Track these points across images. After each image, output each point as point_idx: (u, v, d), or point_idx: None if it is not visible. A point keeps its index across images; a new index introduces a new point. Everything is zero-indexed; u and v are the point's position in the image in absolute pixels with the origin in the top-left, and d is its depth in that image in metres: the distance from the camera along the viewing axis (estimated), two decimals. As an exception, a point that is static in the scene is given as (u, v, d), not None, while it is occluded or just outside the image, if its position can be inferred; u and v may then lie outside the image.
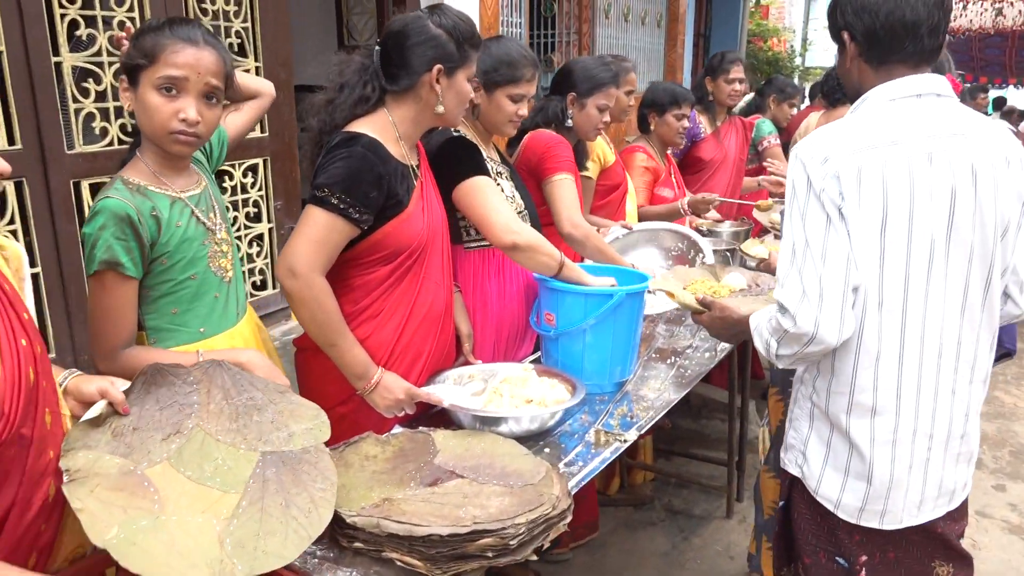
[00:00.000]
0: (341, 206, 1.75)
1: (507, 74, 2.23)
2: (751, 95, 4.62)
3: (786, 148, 7.50)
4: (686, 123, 3.57)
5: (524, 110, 2.29)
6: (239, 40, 3.15)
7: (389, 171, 1.83)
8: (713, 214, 3.87)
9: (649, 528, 3.27)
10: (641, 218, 3.43)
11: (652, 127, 3.59)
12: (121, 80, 1.65)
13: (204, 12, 2.98)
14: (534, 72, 2.27)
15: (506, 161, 2.45)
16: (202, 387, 1.45)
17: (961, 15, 12.29)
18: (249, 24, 3.17)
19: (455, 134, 2.18)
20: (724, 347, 2.67)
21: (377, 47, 1.93)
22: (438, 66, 1.86)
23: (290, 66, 3.37)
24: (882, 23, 1.53)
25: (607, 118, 2.86)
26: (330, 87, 1.94)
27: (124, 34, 1.72)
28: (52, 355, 2.55)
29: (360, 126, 1.87)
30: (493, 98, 2.25)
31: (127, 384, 1.37)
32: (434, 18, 1.88)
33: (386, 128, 1.90)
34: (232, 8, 3.09)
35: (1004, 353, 3.84)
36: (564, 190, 2.59)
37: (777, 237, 3.49)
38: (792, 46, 12.43)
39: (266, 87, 2.09)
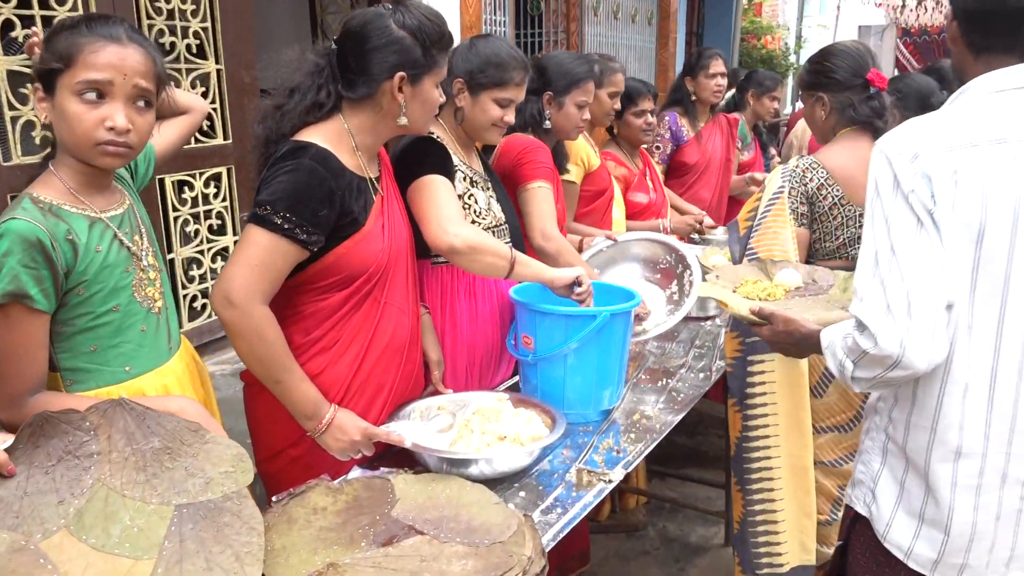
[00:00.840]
0: (285, 226, 1.55)
1: (495, 76, 2.04)
2: (731, 92, 4.40)
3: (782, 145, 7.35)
4: (649, 118, 3.34)
5: (511, 116, 2.10)
6: (197, 41, 2.95)
7: (342, 185, 1.63)
8: (708, 220, 3.67)
9: (643, 558, 3.07)
10: None
11: (615, 130, 3.39)
12: (35, 88, 1.44)
13: (158, 11, 2.78)
14: (524, 76, 2.08)
15: (491, 172, 2.25)
16: (101, 433, 1.25)
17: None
18: (208, 24, 2.97)
19: (428, 136, 1.98)
20: (720, 366, 2.48)
21: (334, 46, 1.73)
22: (401, 73, 1.66)
23: (254, 69, 3.17)
24: (986, 2, 1.32)
25: (587, 115, 2.67)
26: (279, 90, 1.74)
27: (34, 36, 1.50)
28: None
29: (310, 135, 1.66)
30: (478, 101, 2.06)
31: (11, 439, 1.16)
32: (397, 17, 1.67)
33: (341, 137, 1.70)
34: (189, 7, 2.89)
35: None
36: (539, 199, 2.39)
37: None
38: (787, 43, 12.25)
39: (198, 103, 1.90)
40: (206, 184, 3.01)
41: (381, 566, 1.31)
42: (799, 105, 11.06)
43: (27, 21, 2.39)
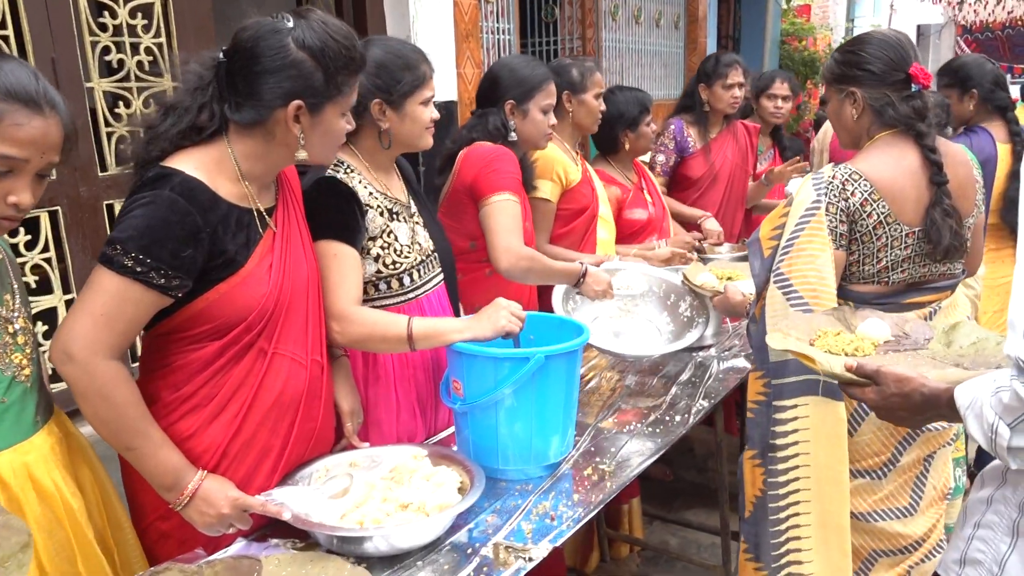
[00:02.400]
0: (137, 268, 1.33)
1: (411, 80, 1.81)
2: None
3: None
4: (654, 126, 3.08)
5: (435, 112, 1.87)
6: (150, 58, 2.77)
7: (214, 220, 1.41)
8: (712, 226, 3.36)
9: (633, 615, 2.77)
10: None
11: (627, 147, 3.06)
12: None
13: (103, 27, 2.62)
14: (430, 66, 1.85)
15: (418, 194, 2.01)
16: None
17: (1019, 5, 11.49)
18: (163, 39, 2.80)
19: (328, 175, 1.76)
20: (702, 405, 2.18)
21: (221, 57, 1.50)
22: (297, 102, 1.44)
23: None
24: None
25: (553, 120, 2.41)
26: (156, 107, 1.54)
27: None
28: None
29: (181, 160, 1.44)
30: (405, 113, 1.82)
31: None
32: (297, 34, 1.43)
33: (221, 163, 1.47)
34: (140, 21, 2.72)
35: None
36: (500, 214, 2.16)
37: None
38: (832, 46, 11.73)
39: None
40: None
41: None
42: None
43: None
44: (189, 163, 1.43)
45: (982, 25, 13.60)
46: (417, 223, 1.92)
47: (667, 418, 2.10)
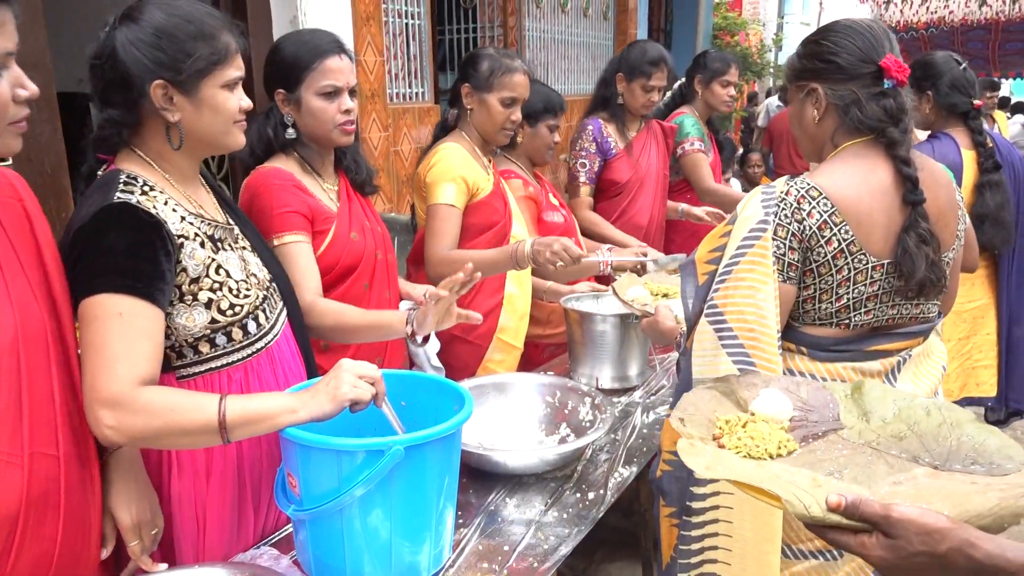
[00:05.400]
0: None
1: (208, 54, 1.32)
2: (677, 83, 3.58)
3: (766, 156, 6.65)
4: (557, 137, 2.66)
5: (246, 99, 1.41)
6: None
7: None
8: (652, 253, 2.94)
9: None
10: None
11: (520, 140, 2.65)
12: None
13: None
14: (238, 38, 1.39)
15: (234, 210, 1.54)
16: None
17: (944, 7, 11.59)
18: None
19: (118, 201, 1.26)
20: (621, 475, 1.78)
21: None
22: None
23: (48, 67, 2.45)
24: None
25: (349, 103, 1.85)
26: None
27: None
28: None
29: None
30: (200, 100, 1.33)
31: None
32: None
33: None
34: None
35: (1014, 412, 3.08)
36: (290, 258, 1.72)
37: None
38: (764, 41, 11.60)
39: None
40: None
41: None
42: (763, 109, 10.35)
43: None
44: None
45: (906, 25, 13.76)
46: (244, 248, 1.47)
47: (579, 494, 1.70)
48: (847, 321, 1.53)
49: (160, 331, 1.25)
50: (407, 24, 4.11)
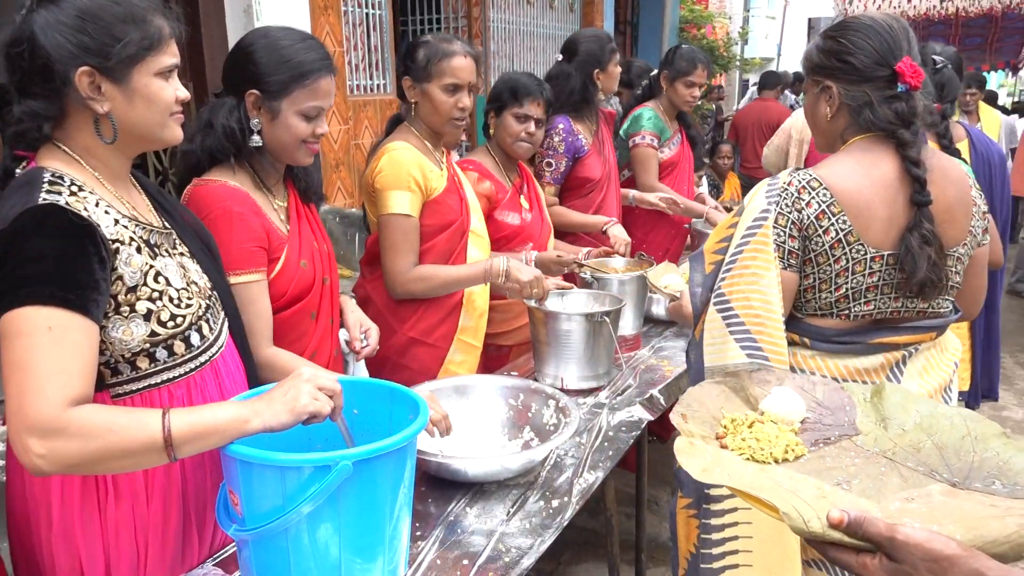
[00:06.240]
0: None
1: (139, 38, 1.21)
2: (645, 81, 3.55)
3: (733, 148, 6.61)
4: (532, 127, 2.55)
5: (183, 90, 1.30)
6: None
7: None
8: (620, 238, 2.89)
9: None
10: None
11: (491, 131, 2.59)
12: None
13: None
14: (174, 22, 1.27)
15: (168, 211, 1.42)
16: None
17: (904, 0, 11.71)
18: None
19: (44, 203, 1.14)
20: (586, 480, 1.72)
21: None
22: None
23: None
24: None
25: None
26: None
27: None
28: None
29: None
30: (133, 90, 1.22)
31: None
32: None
33: None
34: None
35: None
36: (253, 301, 1.62)
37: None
38: (730, 35, 11.62)
39: None
40: None
41: None
42: (745, 101, 10.41)
43: None
44: None
45: (869, 20, 13.90)
46: (183, 254, 1.37)
47: (542, 502, 1.63)
48: (847, 311, 1.56)
49: (94, 347, 1.15)
50: (367, 14, 4.01)
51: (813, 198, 1.50)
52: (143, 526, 1.26)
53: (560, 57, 3.07)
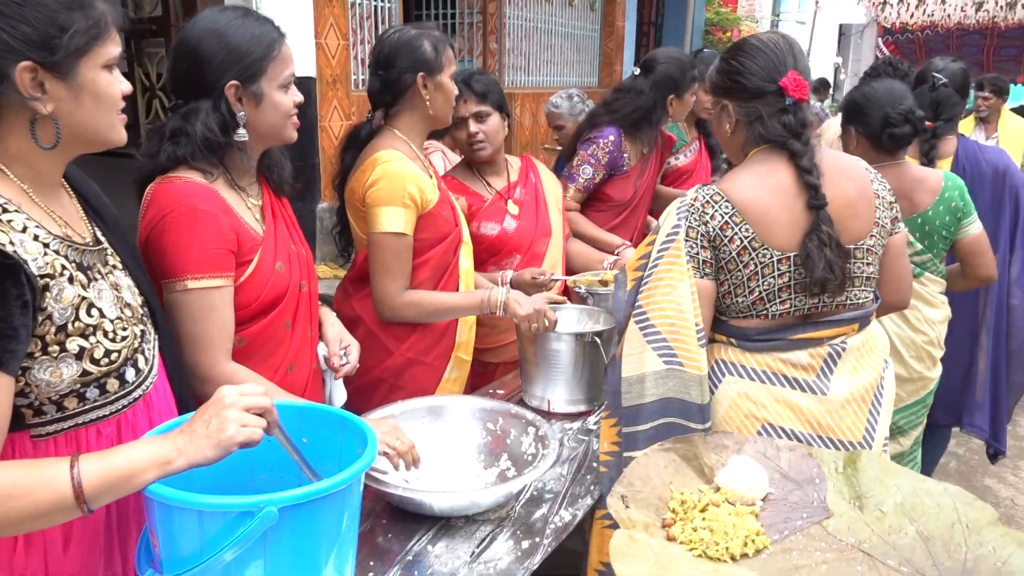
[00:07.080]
0: None
1: (85, 28, 1.08)
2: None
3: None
4: (472, 127, 2.35)
5: (126, 84, 1.18)
6: None
7: None
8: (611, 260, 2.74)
9: None
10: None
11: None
12: None
13: None
14: (116, 11, 1.14)
15: (101, 217, 1.27)
16: None
17: (940, 9, 11.45)
18: None
19: None
20: (562, 519, 1.59)
21: None
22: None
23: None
24: None
25: (298, 96, 1.62)
26: None
27: None
28: None
29: None
30: (79, 85, 1.09)
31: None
32: None
33: None
34: None
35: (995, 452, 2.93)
36: (186, 316, 1.48)
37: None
38: (757, 38, 11.41)
39: None
40: None
41: None
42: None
43: None
44: None
45: (902, 27, 13.59)
46: (115, 267, 1.24)
47: (512, 541, 1.50)
48: (765, 312, 1.66)
49: (7, 401, 1.02)
50: (376, 7, 3.89)
51: (716, 211, 1.61)
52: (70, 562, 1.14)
53: (636, 71, 2.92)
